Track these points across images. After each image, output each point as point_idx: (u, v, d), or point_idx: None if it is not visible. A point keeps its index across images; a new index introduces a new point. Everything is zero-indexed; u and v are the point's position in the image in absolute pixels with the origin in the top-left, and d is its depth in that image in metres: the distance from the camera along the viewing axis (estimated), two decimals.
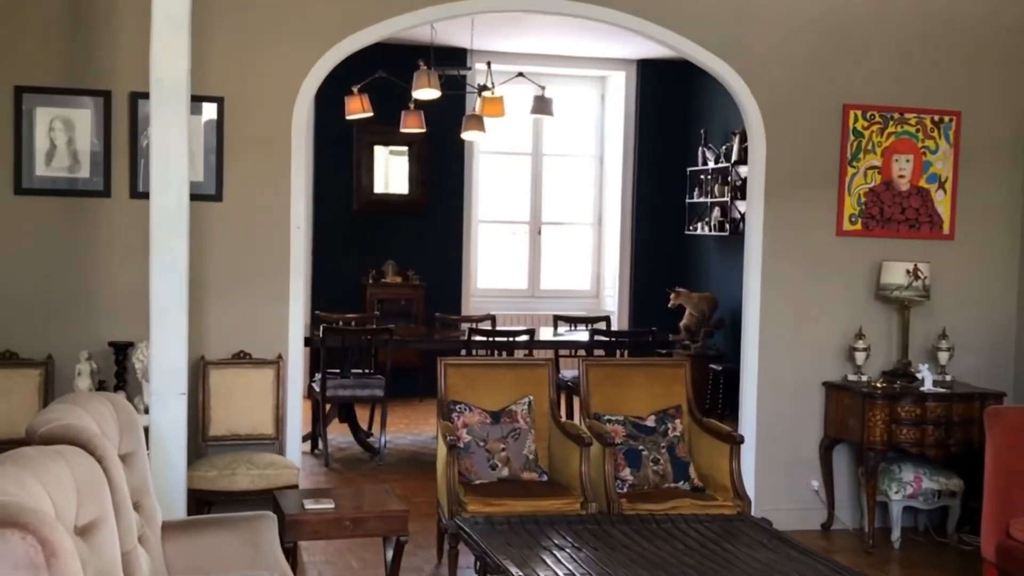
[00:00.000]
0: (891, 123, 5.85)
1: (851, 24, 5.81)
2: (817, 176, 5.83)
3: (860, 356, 5.70)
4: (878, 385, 5.55)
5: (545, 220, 10.61)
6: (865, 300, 5.87)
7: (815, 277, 5.85)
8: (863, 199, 5.84)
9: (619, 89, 10.38)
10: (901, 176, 5.88)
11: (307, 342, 6.93)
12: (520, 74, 8.03)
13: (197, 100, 4.98)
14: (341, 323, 7.55)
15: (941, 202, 5.93)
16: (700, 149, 9.70)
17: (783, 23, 5.76)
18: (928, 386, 5.54)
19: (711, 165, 9.50)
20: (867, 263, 5.85)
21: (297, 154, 5.33)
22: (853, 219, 5.84)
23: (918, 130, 5.88)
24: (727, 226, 9.17)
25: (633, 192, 10.33)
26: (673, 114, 10.16)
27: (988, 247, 6.00)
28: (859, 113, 5.81)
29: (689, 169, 9.96)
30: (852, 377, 5.73)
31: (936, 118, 5.89)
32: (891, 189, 5.88)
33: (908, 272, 5.65)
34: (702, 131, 9.68)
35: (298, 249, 5.37)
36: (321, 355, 7.12)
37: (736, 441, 5.02)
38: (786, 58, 5.78)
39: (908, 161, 5.88)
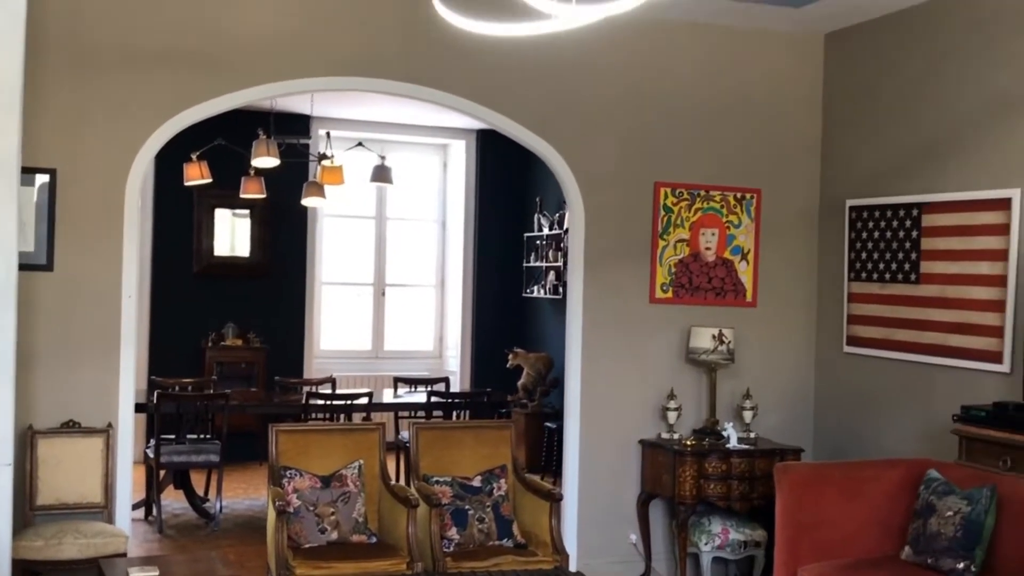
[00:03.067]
0: (698, 199, 6.34)
1: (661, 107, 6.29)
2: (632, 247, 6.25)
3: (672, 415, 6.11)
4: (688, 443, 5.96)
5: (389, 282, 10.84)
6: (676, 363, 6.30)
7: (631, 341, 6.25)
8: (673, 269, 6.29)
9: (460, 156, 10.75)
10: (708, 248, 6.36)
11: (142, 408, 6.97)
12: (360, 143, 8.30)
13: (29, 172, 5.07)
14: (177, 388, 7.57)
15: (744, 272, 6.43)
16: (536, 216, 10.13)
17: (599, 105, 6.19)
18: (733, 443, 5.98)
19: (546, 231, 9.93)
20: (678, 328, 6.29)
21: (130, 224, 5.44)
22: (665, 288, 6.29)
23: (723, 206, 6.39)
24: (560, 289, 9.58)
25: (474, 255, 10.67)
26: (511, 181, 10.57)
27: (787, 313, 6.53)
28: (669, 190, 6.28)
29: (526, 234, 10.37)
30: (665, 435, 6.12)
31: (739, 195, 6.41)
32: (699, 260, 6.35)
33: (714, 337, 6.11)
34: (538, 199, 10.13)
35: (129, 318, 5.45)
36: (156, 421, 7.13)
37: (555, 499, 5.32)
38: (602, 138, 6.21)
39: (714, 235, 6.37)
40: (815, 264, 6.56)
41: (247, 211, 9.82)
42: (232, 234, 9.96)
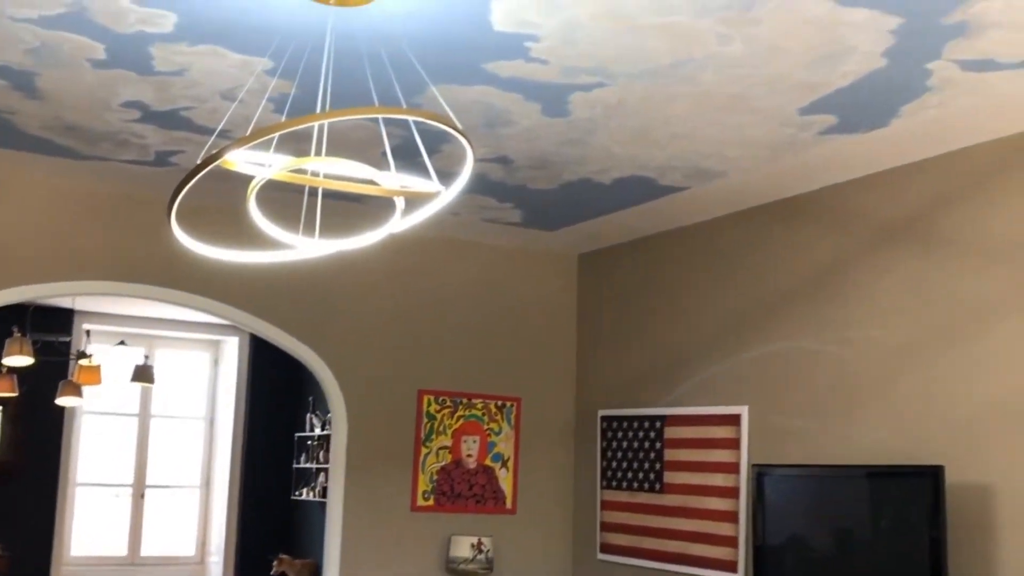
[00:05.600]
0: (460, 407, 6.51)
1: (426, 317, 6.49)
2: (394, 454, 6.31)
3: None
4: None
5: (150, 483, 10.38)
6: (437, 573, 6.28)
7: (392, 550, 6.21)
8: (435, 476, 6.37)
9: (232, 353, 10.62)
10: (469, 455, 6.50)
11: None
12: (122, 342, 8.11)
13: None
14: None
15: (504, 479, 6.58)
16: (308, 416, 10.06)
17: (364, 313, 6.34)
18: None
19: (317, 432, 9.85)
20: (438, 537, 6.31)
21: None
22: (426, 495, 6.33)
23: (484, 414, 6.57)
24: None
25: (243, 455, 10.40)
26: (284, 380, 10.47)
27: (545, 520, 6.67)
28: (432, 398, 6.43)
29: (297, 435, 10.24)
30: None
31: (500, 403, 6.63)
32: (460, 467, 6.46)
33: (473, 546, 6.17)
34: (311, 398, 10.07)
35: None
36: None
37: None
38: (367, 346, 6.33)
39: (475, 442, 6.52)
40: (571, 472, 6.78)
41: None
42: None
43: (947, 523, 4.17)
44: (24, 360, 7.19)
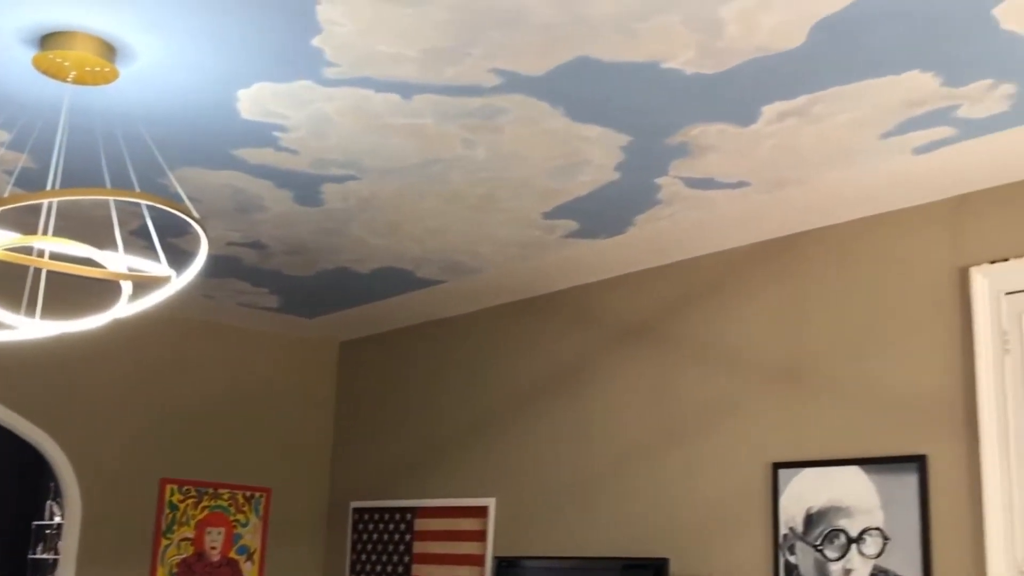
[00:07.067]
0: (206, 497, 6.29)
1: (174, 404, 6.24)
2: (133, 546, 5.99)
3: None
4: None
5: None
6: None
7: None
8: (175, 570, 6.09)
9: None
10: (213, 548, 6.26)
11: None
12: None
13: None
14: None
15: (250, 572, 6.36)
16: (48, 503, 9.44)
17: (105, 397, 6.03)
18: None
19: (57, 520, 9.25)
20: None
21: None
22: None
23: (231, 504, 6.37)
24: None
25: None
26: (23, 464, 9.78)
27: None
28: (176, 487, 6.18)
29: (35, 523, 9.59)
30: None
31: (248, 494, 6.45)
32: (203, 560, 6.22)
33: None
34: (51, 484, 9.47)
35: None
36: None
37: None
38: (107, 431, 6.02)
39: (220, 533, 6.30)
40: (320, 565, 6.64)
41: None
42: None
43: None
44: None
